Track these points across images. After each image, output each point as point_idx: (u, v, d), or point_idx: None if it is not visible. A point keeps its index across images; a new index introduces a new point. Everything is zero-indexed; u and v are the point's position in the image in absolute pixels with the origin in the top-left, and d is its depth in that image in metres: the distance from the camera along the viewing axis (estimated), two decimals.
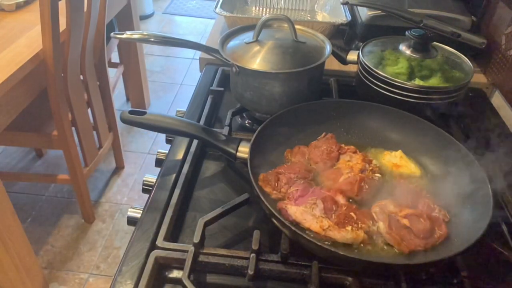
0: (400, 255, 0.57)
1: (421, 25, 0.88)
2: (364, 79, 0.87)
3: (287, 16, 0.83)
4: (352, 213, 0.60)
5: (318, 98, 0.88)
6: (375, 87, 0.84)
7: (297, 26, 0.85)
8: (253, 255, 0.57)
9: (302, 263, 0.58)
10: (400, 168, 0.71)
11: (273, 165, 0.69)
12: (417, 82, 0.83)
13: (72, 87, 1.52)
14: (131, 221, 0.68)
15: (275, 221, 0.58)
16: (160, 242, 0.60)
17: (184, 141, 0.80)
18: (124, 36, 0.77)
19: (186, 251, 0.57)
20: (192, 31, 3.56)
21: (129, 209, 0.71)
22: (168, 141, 0.86)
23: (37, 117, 1.64)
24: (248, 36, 0.84)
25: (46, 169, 2.09)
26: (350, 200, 0.64)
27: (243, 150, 0.67)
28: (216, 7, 1.17)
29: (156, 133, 1.54)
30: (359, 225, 0.58)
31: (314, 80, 0.83)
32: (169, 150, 0.79)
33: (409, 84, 0.80)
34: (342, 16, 1.15)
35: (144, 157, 2.25)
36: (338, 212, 0.60)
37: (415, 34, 0.85)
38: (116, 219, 1.90)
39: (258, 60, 0.79)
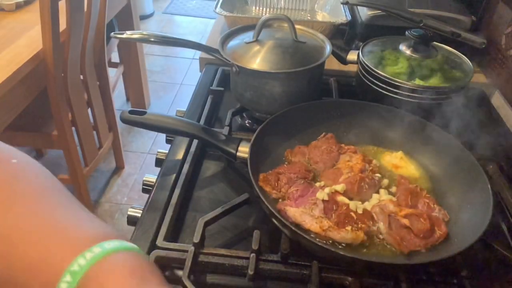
0: (400, 255, 0.57)
1: (421, 25, 0.88)
2: (364, 79, 0.87)
3: (287, 16, 0.83)
4: (352, 213, 0.60)
5: (318, 98, 0.88)
6: (375, 87, 0.84)
7: (297, 26, 0.85)
8: (253, 255, 0.57)
9: (302, 263, 0.58)
10: (400, 169, 0.71)
11: (273, 165, 0.70)
12: (417, 82, 0.83)
13: (72, 87, 1.52)
14: (131, 221, 0.68)
15: (275, 221, 0.58)
16: (160, 242, 0.60)
17: (184, 141, 0.80)
18: (124, 36, 0.77)
19: (186, 251, 0.57)
20: (192, 31, 3.56)
21: (129, 209, 0.71)
22: (168, 141, 0.86)
23: (37, 117, 1.64)
24: (248, 36, 0.84)
25: None
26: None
27: (243, 150, 0.67)
28: (216, 7, 1.17)
29: (156, 133, 1.53)
30: (359, 225, 0.58)
31: (314, 80, 0.83)
32: (169, 150, 0.79)
33: (409, 84, 0.80)
34: (342, 16, 1.15)
35: (144, 157, 2.25)
36: (338, 212, 0.60)
37: (415, 34, 0.85)
38: (116, 219, 1.90)
39: (258, 60, 0.79)
